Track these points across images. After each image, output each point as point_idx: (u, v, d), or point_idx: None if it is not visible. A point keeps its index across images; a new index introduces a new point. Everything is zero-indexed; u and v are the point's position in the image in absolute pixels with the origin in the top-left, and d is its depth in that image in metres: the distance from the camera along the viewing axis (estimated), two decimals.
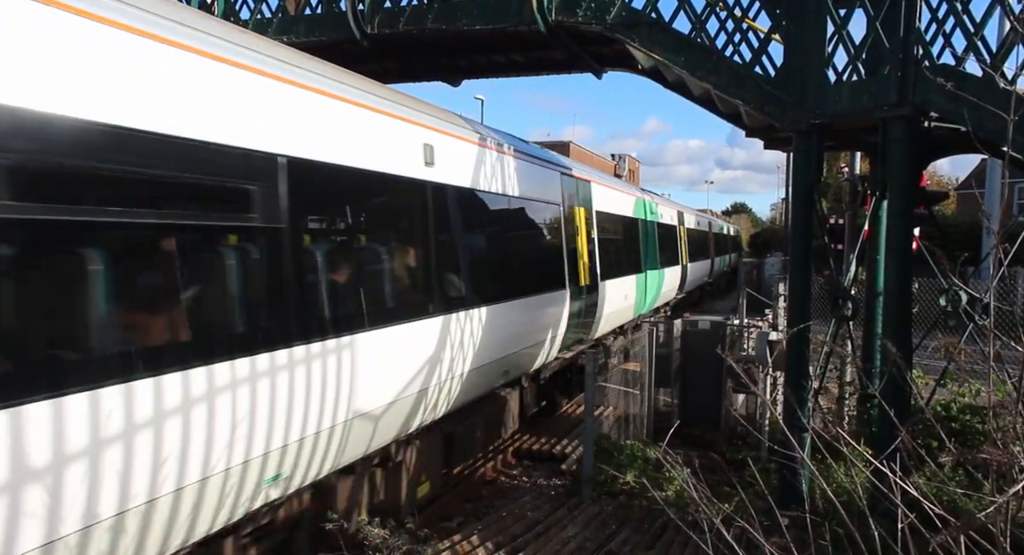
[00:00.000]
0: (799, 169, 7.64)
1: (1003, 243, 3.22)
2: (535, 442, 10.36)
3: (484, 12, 8.56)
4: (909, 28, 6.37)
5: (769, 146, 10.44)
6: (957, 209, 36.46)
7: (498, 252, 8.94)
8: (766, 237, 55.67)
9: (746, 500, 3.73)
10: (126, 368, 3.68)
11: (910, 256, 6.89)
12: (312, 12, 9.32)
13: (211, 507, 4.31)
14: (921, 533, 2.80)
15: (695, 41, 7.76)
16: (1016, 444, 2.88)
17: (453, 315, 7.09)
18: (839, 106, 7.02)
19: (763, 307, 13.91)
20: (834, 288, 7.62)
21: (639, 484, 7.83)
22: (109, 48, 3.71)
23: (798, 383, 7.25)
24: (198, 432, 4.10)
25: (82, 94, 3.54)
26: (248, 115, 4.67)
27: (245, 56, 4.72)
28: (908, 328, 6.82)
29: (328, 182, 5.45)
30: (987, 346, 3.14)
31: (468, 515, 8.00)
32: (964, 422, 8.35)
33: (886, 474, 2.94)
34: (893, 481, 2.89)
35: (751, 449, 9.22)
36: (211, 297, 4.49)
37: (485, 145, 8.32)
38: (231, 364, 4.32)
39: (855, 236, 8.77)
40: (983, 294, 6.32)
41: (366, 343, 5.62)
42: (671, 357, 11.03)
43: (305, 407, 4.95)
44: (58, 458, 3.37)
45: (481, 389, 8.22)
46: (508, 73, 11.27)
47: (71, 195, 3.58)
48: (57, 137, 3.45)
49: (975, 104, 5.07)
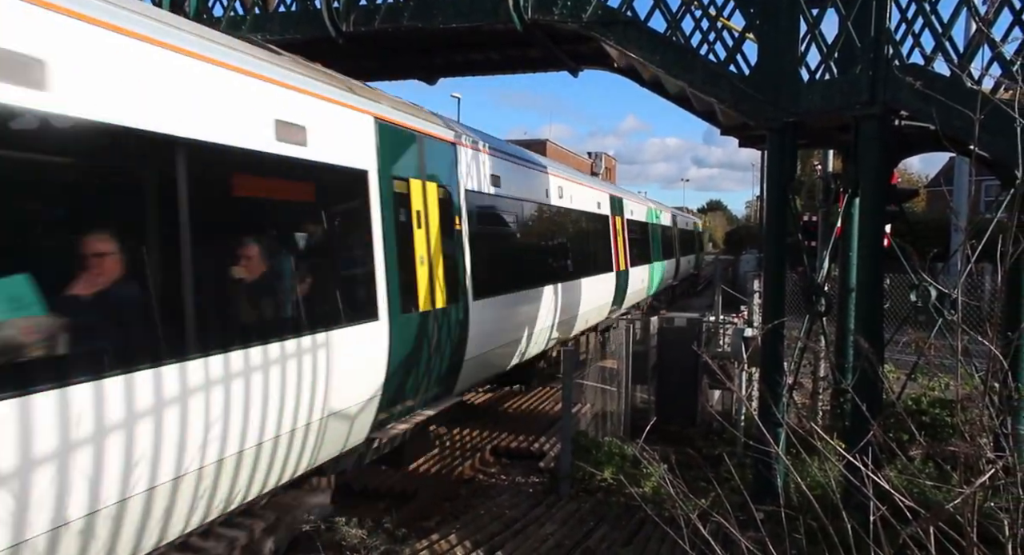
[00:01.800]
0: (773, 167, 7.71)
1: (971, 240, 3.28)
2: (513, 439, 10.37)
3: (460, 10, 8.53)
4: (880, 28, 6.46)
5: (744, 144, 10.53)
6: (927, 206, 37.08)
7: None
8: (741, 234, 56.15)
9: (722, 495, 3.77)
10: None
11: (881, 252, 6.99)
12: (287, 9, 9.24)
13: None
14: (892, 525, 2.85)
15: (670, 40, 7.81)
16: (983, 436, 2.94)
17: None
18: (812, 104, 7.10)
19: (739, 304, 14.04)
20: (808, 284, 7.71)
21: (617, 481, 7.87)
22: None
23: (773, 379, 7.32)
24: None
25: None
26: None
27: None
28: (880, 323, 6.92)
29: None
30: (955, 341, 3.20)
31: (446, 514, 7.98)
32: (934, 415, 8.49)
33: (858, 468, 2.98)
34: (865, 474, 2.93)
35: (727, 445, 9.30)
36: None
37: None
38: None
39: (828, 233, 8.89)
40: (952, 290, 6.43)
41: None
42: (648, 354, 11.10)
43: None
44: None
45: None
46: (485, 71, 11.25)
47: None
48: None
49: (943, 103, 5.15)
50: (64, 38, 3.80)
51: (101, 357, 3.90)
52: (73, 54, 3.83)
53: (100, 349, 3.94)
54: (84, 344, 3.87)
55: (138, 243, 4.27)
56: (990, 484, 2.81)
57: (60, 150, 3.85)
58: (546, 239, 12.43)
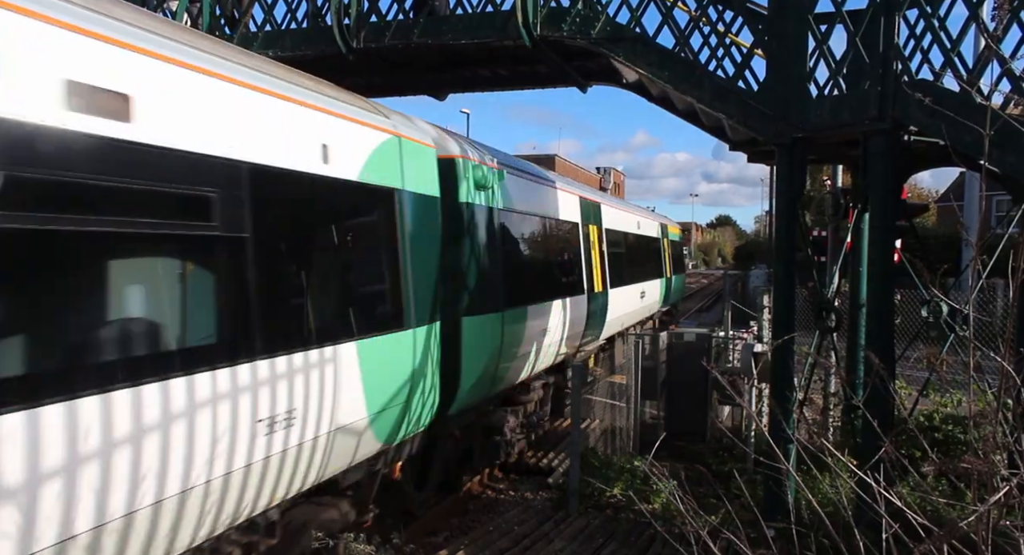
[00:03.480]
0: (782, 182, 7.71)
1: (982, 255, 3.27)
2: (521, 455, 10.33)
3: (470, 27, 8.61)
4: (888, 44, 6.47)
5: (752, 159, 10.54)
6: (937, 221, 36.92)
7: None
8: (750, 249, 56.07)
9: (732, 512, 3.74)
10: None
11: (892, 268, 6.97)
12: (298, 26, 9.34)
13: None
14: (905, 543, 2.82)
15: (679, 56, 7.84)
16: (996, 453, 2.92)
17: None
18: (820, 120, 7.11)
19: (748, 319, 13.99)
20: (818, 300, 7.69)
21: (626, 497, 7.83)
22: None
23: (783, 394, 7.28)
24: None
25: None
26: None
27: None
28: (891, 339, 6.88)
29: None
30: (968, 357, 3.18)
31: (454, 530, 7.95)
32: (947, 432, 8.42)
33: (870, 485, 2.96)
34: (877, 491, 2.91)
35: (737, 461, 9.24)
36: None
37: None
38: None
39: (838, 248, 8.87)
40: (963, 305, 6.40)
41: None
42: (657, 369, 11.06)
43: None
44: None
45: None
46: (494, 87, 11.32)
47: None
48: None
49: (952, 119, 5.15)
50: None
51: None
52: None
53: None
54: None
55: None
56: (1004, 502, 2.79)
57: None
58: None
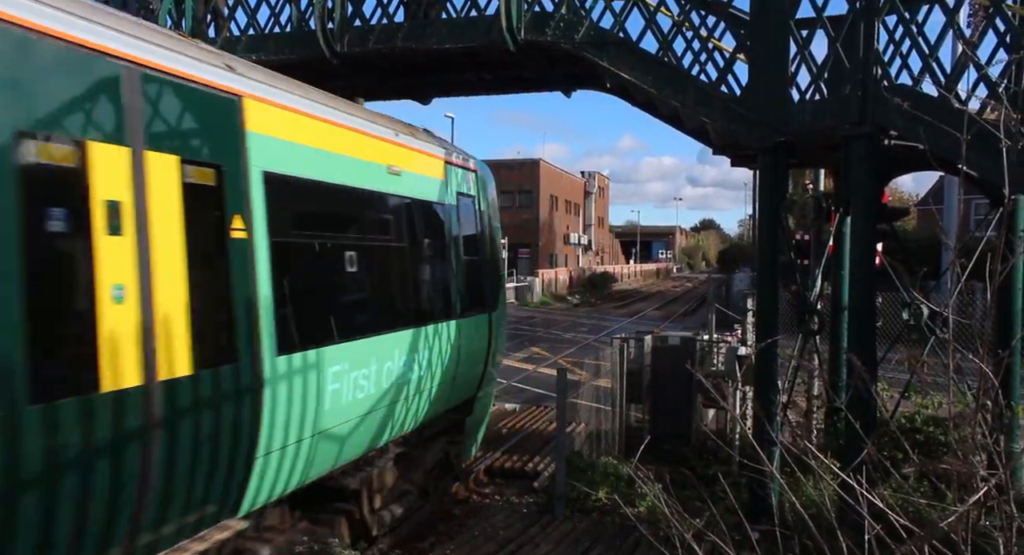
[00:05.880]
0: (765, 186, 7.77)
1: (960, 258, 3.31)
2: (507, 459, 10.32)
3: (454, 31, 8.62)
4: (868, 49, 6.56)
5: (736, 163, 10.60)
6: (918, 224, 37.33)
7: None
8: (734, 253, 56.36)
9: (717, 515, 3.76)
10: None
11: (873, 271, 7.04)
12: (282, 30, 9.32)
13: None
14: (887, 544, 2.85)
15: (662, 60, 7.89)
16: (976, 454, 2.95)
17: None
18: (802, 124, 7.17)
19: (732, 322, 14.06)
20: (801, 303, 7.75)
21: (612, 500, 7.84)
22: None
23: (767, 397, 7.33)
24: None
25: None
26: None
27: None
28: (873, 342, 6.95)
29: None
30: (947, 359, 3.21)
31: (440, 535, 7.92)
32: (928, 433, 8.49)
33: (853, 486, 2.98)
34: (860, 493, 2.94)
35: (721, 464, 9.27)
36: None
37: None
38: None
39: (821, 252, 8.95)
40: (943, 308, 6.47)
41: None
42: (642, 373, 11.08)
43: None
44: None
45: None
46: (478, 91, 11.33)
47: None
48: None
49: (931, 123, 5.22)
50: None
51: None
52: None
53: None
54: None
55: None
56: (984, 502, 2.82)
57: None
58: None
